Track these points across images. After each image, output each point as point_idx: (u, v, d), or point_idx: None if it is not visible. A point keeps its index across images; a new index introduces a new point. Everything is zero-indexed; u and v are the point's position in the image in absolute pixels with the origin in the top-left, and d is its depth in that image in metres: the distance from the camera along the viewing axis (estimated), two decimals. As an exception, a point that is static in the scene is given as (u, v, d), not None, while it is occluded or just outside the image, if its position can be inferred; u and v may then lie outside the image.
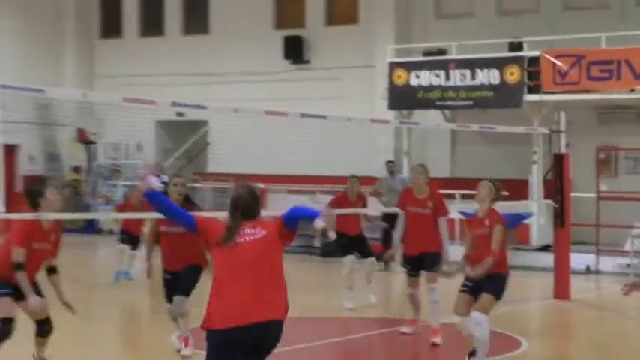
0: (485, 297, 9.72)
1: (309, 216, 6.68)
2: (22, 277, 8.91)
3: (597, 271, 20.33)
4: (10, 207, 9.92)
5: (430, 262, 11.40)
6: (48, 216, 9.17)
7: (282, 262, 6.53)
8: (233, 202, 6.73)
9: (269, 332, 6.41)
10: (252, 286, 6.33)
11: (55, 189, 9.66)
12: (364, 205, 15.81)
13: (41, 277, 9.56)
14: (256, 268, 6.40)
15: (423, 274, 11.88)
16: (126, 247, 17.97)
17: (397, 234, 11.72)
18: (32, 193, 9.62)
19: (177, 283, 10.56)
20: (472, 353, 10.07)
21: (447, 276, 11.30)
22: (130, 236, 18.08)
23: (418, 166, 12.07)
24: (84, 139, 29.80)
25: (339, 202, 15.27)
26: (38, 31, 30.56)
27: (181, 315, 10.61)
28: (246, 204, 6.68)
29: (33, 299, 8.98)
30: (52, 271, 9.59)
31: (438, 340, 11.12)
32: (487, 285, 9.77)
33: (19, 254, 8.89)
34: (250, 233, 6.52)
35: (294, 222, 6.68)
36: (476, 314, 9.63)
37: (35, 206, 9.11)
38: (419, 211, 11.41)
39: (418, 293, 11.71)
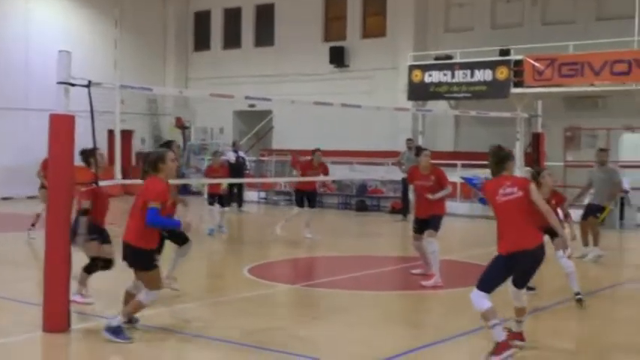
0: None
1: (174, 225, 8.06)
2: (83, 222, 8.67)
3: (565, 220, 20.03)
4: (128, 176, 9.57)
5: (433, 223, 11.03)
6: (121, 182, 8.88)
7: None
8: None
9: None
10: None
11: (100, 154, 8.91)
12: (324, 171, 16.01)
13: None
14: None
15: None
16: (214, 207, 16.86)
17: (410, 202, 11.54)
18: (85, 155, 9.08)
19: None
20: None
21: None
22: (214, 197, 17.04)
23: (424, 150, 11.63)
24: (180, 124, 30.09)
25: (305, 166, 16.20)
26: (148, 44, 30.83)
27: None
28: None
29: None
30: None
31: (429, 283, 10.77)
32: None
33: (85, 202, 8.66)
34: None
35: (147, 222, 7.31)
36: None
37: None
38: (424, 184, 11.10)
39: (422, 245, 11.33)
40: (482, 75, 22.53)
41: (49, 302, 7.87)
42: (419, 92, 23.65)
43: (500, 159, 7.03)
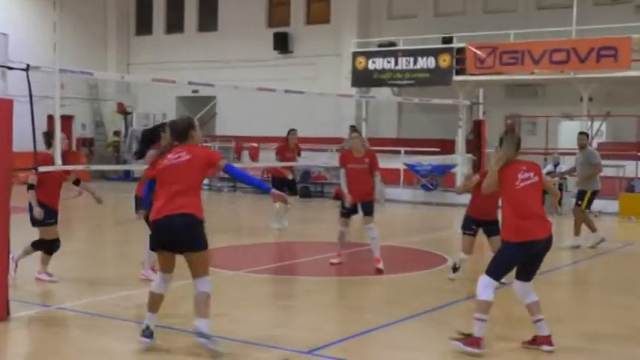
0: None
1: (263, 188, 6.97)
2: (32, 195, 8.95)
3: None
4: (67, 162, 9.66)
5: (366, 209, 10.83)
6: (92, 167, 9.19)
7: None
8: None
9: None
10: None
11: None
12: (299, 153, 15.82)
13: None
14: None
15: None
16: None
17: (342, 186, 11.26)
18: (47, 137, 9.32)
19: None
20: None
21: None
22: None
23: (354, 133, 11.41)
24: (122, 110, 29.75)
25: (282, 149, 15.53)
26: (89, 28, 30.41)
27: None
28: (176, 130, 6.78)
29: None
30: (76, 182, 9.62)
31: (381, 265, 10.75)
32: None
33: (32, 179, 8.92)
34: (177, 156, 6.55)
35: (235, 175, 6.94)
36: None
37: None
38: (358, 167, 10.87)
39: (347, 232, 11.26)
40: (425, 62, 22.76)
41: (-13, 290, 7.74)
42: (362, 79, 23.78)
43: (518, 143, 6.77)
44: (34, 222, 9.22)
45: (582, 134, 14.45)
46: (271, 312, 8.73)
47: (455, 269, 10.08)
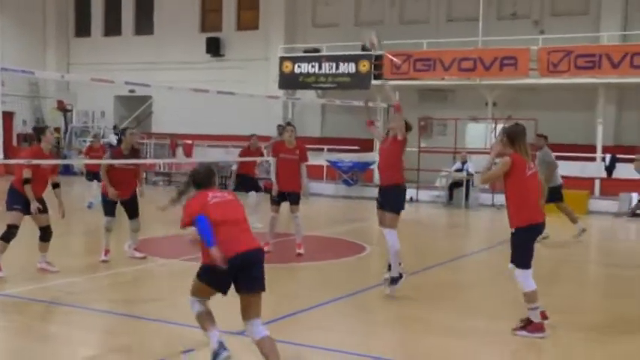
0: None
1: (206, 241, 5.35)
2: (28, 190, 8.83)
3: (417, 200, 20.73)
4: (9, 155, 9.52)
5: (293, 199, 10.95)
6: (45, 162, 9.02)
7: None
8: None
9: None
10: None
11: (50, 132, 9.48)
12: (261, 154, 15.52)
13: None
14: None
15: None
16: (93, 183, 16.27)
17: (273, 176, 11.29)
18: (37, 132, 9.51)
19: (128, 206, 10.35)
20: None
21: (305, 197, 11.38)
22: (92, 174, 16.16)
23: (289, 126, 11.55)
24: (62, 107, 29.05)
25: (245, 152, 15.14)
26: (30, 29, 29.62)
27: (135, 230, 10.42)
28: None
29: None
30: (55, 186, 9.43)
31: (302, 250, 10.97)
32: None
33: (26, 173, 8.82)
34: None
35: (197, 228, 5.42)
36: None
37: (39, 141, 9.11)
38: (288, 157, 10.96)
39: (277, 217, 11.28)
40: (347, 68, 22.92)
41: None
42: (289, 82, 23.81)
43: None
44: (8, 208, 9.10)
45: (539, 136, 14.34)
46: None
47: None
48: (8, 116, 27.05)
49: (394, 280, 8.36)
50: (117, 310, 7.57)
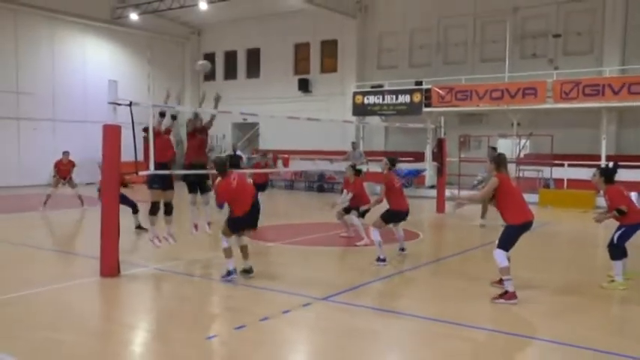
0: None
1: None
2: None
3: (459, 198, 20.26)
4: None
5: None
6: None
7: None
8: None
9: None
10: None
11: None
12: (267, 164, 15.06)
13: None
14: None
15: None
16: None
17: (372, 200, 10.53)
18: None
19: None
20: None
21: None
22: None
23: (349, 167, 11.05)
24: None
25: (258, 165, 14.70)
26: (172, 76, 30.40)
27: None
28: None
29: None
30: None
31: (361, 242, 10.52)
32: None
33: None
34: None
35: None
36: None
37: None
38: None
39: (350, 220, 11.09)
40: (404, 98, 22.63)
41: (105, 255, 7.84)
42: (360, 110, 23.68)
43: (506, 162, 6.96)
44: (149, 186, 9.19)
45: (493, 149, 14.09)
46: (301, 265, 8.71)
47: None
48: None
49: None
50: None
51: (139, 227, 11.52)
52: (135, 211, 11.63)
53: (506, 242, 6.74)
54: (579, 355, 5.21)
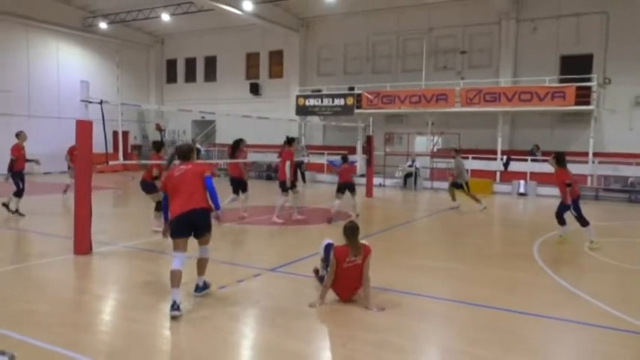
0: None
1: (215, 203, 5.31)
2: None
3: (384, 185, 20.54)
4: (127, 158, 9.50)
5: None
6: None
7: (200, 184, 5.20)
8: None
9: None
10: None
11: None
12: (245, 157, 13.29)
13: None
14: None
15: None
16: None
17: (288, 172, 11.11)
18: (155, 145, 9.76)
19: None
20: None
21: None
22: None
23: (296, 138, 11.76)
24: (159, 128, 28.83)
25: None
26: (138, 79, 29.46)
27: None
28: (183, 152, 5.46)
29: None
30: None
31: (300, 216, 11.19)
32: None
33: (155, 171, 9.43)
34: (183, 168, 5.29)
35: (208, 187, 5.21)
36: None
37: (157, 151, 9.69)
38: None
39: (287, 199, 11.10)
40: (339, 101, 22.66)
41: (77, 234, 7.52)
42: (302, 111, 23.58)
43: None
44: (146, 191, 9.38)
45: (453, 150, 14.54)
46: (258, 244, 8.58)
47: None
48: (125, 134, 27.02)
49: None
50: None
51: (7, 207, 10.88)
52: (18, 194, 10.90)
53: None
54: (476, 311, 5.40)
